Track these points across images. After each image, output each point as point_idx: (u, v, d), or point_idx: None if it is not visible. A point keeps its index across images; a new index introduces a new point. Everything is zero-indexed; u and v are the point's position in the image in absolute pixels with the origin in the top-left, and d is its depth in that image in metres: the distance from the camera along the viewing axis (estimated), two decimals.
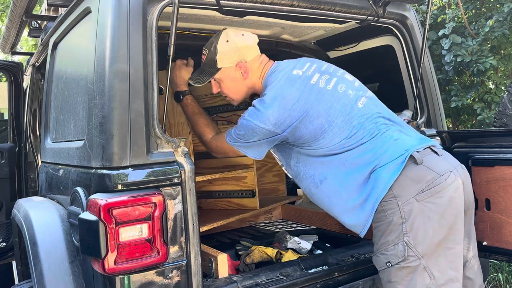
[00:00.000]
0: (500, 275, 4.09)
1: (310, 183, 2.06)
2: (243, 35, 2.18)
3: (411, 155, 1.86)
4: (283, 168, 2.25)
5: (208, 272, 2.10)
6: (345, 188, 1.95)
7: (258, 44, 2.23)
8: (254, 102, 2.04)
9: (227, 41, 2.14)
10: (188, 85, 2.37)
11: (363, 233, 1.94)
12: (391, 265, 1.83)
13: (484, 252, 2.36)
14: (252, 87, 2.21)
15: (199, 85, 2.28)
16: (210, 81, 2.23)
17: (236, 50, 2.15)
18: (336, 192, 1.98)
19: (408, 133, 2.02)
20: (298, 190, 3.39)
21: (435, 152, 1.94)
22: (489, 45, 5.19)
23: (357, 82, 2.17)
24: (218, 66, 2.16)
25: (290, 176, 2.22)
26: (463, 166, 2.02)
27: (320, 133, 1.97)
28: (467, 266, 2.01)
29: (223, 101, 2.99)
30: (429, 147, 1.95)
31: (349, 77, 2.17)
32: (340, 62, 3.35)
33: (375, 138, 1.94)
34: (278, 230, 2.99)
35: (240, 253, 2.49)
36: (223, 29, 2.20)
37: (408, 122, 2.63)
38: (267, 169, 3.36)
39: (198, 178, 2.46)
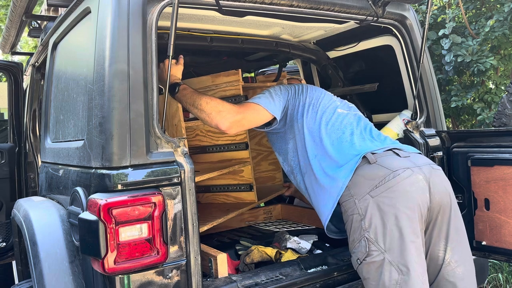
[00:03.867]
0: (500, 275, 4.09)
1: (297, 178, 2.37)
2: None
3: (364, 156, 2.00)
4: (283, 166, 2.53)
5: (208, 272, 2.11)
6: (317, 183, 2.18)
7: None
8: None
9: None
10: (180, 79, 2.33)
11: (325, 228, 2.20)
12: (360, 262, 1.92)
13: (483, 252, 2.36)
14: None
15: None
16: None
17: None
18: (312, 186, 2.22)
19: (373, 142, 2.17)
20: None
21: (397, 154, 2.04)
22: (489, 45, 5.18)
23: (352, 105, 2.50)
24: None
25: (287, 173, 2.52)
26: (436, 167, 2.07)
27: (310, 106, 2.33)
28: (446, 268, 1.99)
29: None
30: (391, 149, 2.07)
31: (347, 102, 2.52)
32: (340, 62, 3.37)
33: (339, 139, 2.18)
34: (278, 230, 2.99)
35: (239, 253, 2.49)
36: None
37: (408, 122, 2.63)
38: (262, 157, 3.38)
39: (197, 178, 2.46)
